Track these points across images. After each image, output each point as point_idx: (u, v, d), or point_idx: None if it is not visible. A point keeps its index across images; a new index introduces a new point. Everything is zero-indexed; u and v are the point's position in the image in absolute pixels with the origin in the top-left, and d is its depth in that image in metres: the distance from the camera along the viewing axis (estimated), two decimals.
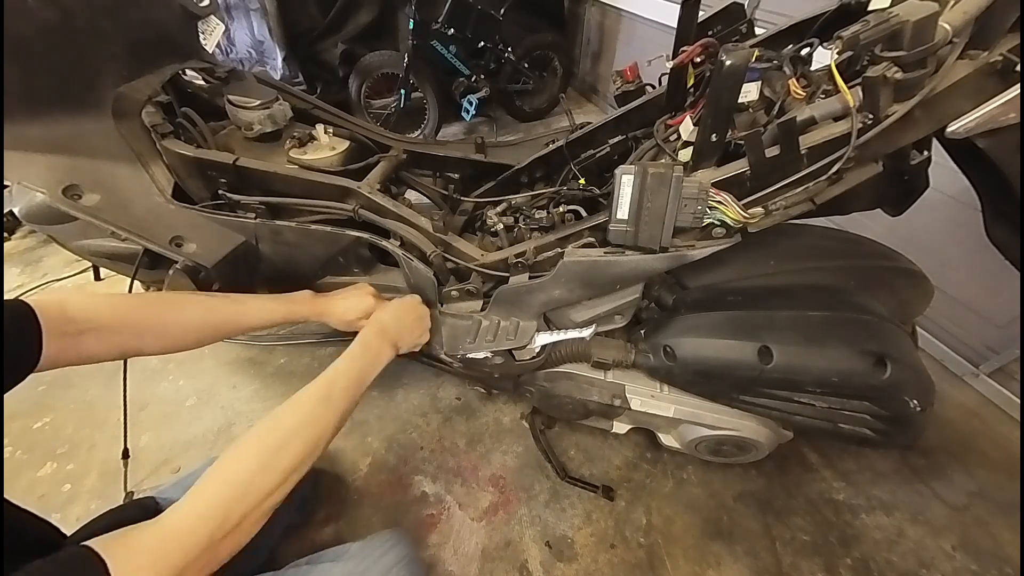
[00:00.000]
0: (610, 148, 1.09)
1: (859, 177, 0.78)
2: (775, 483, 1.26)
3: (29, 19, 0.79)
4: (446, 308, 1.00)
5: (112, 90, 0.93)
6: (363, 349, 0.78)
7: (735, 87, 0.68)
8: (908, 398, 0.82)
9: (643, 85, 1.09)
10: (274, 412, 0.63)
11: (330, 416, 0.66)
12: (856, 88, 0.68)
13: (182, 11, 1.10)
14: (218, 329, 0.80)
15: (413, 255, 0.96)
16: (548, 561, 1.13)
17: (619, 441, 1.35)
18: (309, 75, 2.81)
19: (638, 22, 2.80)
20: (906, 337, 0.89)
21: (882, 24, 0.61)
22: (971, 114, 0.66)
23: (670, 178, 0.72)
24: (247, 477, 0.55)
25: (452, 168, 1.31)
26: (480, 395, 1.48)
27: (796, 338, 0.85)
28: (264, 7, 2.51)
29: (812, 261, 0.99)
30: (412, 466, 1.32)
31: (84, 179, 0.86)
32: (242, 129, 1.10)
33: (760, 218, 0.77)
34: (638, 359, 0.98)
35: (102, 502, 1.24)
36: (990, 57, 0.63)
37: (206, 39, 1.18)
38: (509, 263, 0.92)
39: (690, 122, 0.83)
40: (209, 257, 0.91)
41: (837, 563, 1.12)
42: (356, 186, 0.99)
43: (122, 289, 1.05)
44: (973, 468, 1.29)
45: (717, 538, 1.16)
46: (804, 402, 0.89)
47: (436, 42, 2.52)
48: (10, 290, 1.89)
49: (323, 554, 0.84)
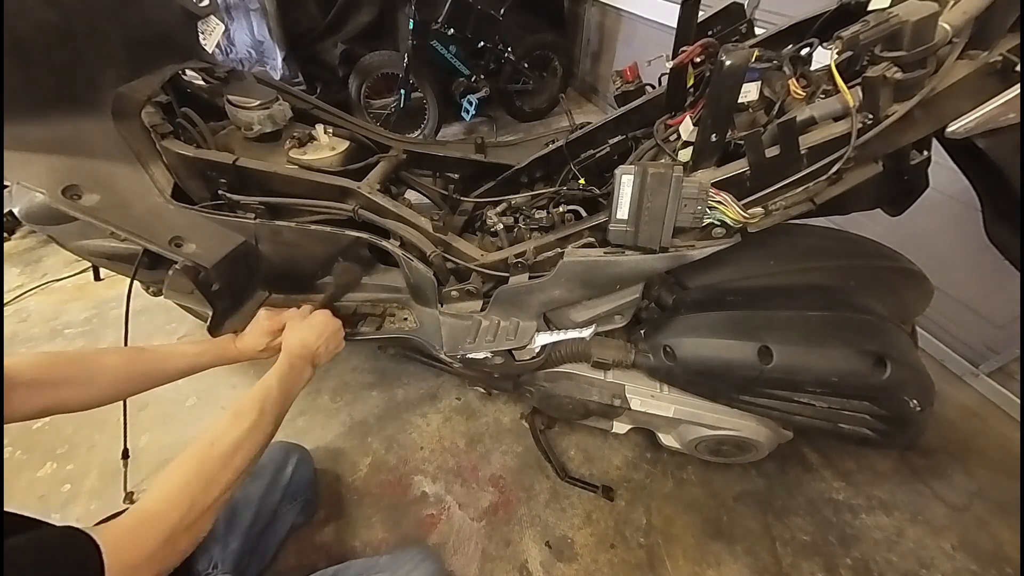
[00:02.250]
0: (610, 148, 1.09)
1: (859, 177, 0.78)
2: (775, 483, 1.26)
3: (29, 19, 0.79)
4: (446, 308, 1.00)
5: (112, 90, 0.93)
6: (289, 368, 0.82)
7: (735, 87, 0.68)
8: (908, 398, 0.82)
9: (643, 85, 1.09)
10: (221, 421, 0.68)
11: (268, 426, 0.72)
12: (856, 88, 0.68)
13: (182, 11, 1.11)
14: (147, 376, 0.82)
15: (413, 255, 0.96)
16: (548, 561, 1.13)
17: (619, 441, 1.35)
18: (309, 75, 2.81)
19: (638, 22, 2.80)
20: (906, 337, 0.89)
21: (882, 24, 0.61)
22: (971, 114, 0.66)
23: (670, 178, 0.72)
24: (210, 473, 0.61)
25: (452, 168, 1.31)
26: (480, 395, 1.48)
27: (796, 338, 0.85)
28: (264, 7, 2.51)
29: (812, 261, 0.99)
30: (412, 466, 1.32)
31: (84, 179, 0.86)
32: (242, 129, 1.10)
33: (760, 218, 0.77)
34: (638, 359, 0.98)
35: (102, 502, 1.24)
36: (990, 57, 0.63)
37: (206, 39, 1.18)
38: (509, 263, 0.92)
39: (690, 122, 0.83)
40: (209, 257, 0.91)
41: (837, 563, 1.12)
42: (356, 186, 0.99)
43: (122, 289, 1.04)
44: (973, 468, 1.29)
45: (717, 538, 1.16)
46: (804, 402, 0.89)
47: (436, 42, 2.52)
48: (10, 290, 1.89)
49: (350, 565, 0.87)
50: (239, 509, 0.90)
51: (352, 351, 1.63)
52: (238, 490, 0.66)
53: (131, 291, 1.02)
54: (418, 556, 0.86)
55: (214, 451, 0.64)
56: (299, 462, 1.07)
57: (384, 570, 0.83)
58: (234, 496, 0.87)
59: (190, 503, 0.57)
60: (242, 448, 0.66)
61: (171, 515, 0.55)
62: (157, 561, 0.53)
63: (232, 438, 0.66)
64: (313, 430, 1.42)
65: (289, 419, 1.42)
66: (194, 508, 0.57)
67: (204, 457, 0.63)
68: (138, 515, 0.54)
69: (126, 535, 0.51)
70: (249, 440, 0.68)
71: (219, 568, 0.83)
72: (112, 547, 0.48)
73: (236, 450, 0.65)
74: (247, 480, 0.93)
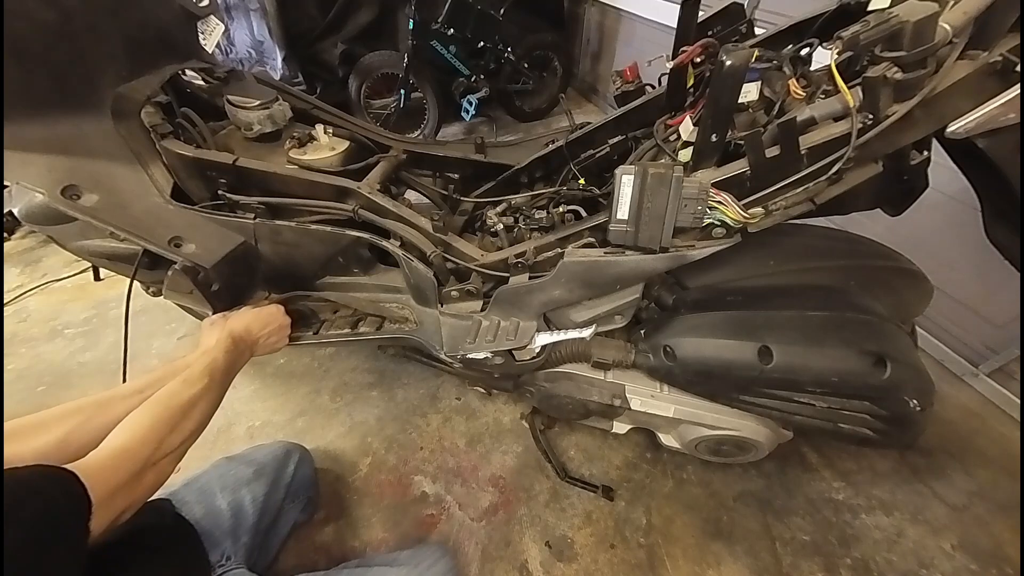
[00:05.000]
0: (610, 148, 1.08)
1: (859, 177, 0.78)
2: (775, 483, 1.26)
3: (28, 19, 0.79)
4: (446, 308, 1.00)
5: (111, 90, 0.92)
6: (233, 345, 0.84)
7: (735, 87, 0.68)
8: (908, 398, 0.82)
9: (643, 85, 1.09)
10: (173, 383, 0.70)
11: (215, 396, 0.75)
12: (856, 88, 0.68)
13: (182, 11, 1.10)
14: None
15: (413, 255, 0.96)
16: (548, 561, 1.13)
17: (619, 441, 1.35)
18: (309, 75, 2.80)
19: (638, 22, 2.80)
20: (906, 337, 0.89)
21: (882, 24, 0.61)
22: (971, 114, 0.65)
23: (670, 178, 0.72)
24: (174, 419, 0.65)
25: (452, 168, 1.30)
26: (480, 395, 1.48)
27: (796, 338, 0.85)
28: (264, 7, 2.51)
29: (812, 261, 0.99)
30: (412, 466, 1.32)
31: (83, 179, 0.86)
32: (242, 129, 1.10)
33: (760, 218, 0.77)
34: (638, 359, 0.98)
35: None
36: (990, 57, 0.63)
37: (206, 39, 1.17)
38: (509, 263, 0.92)
39: (690, 122, 0.83)
40: (208, 257, 0.91)
41: (837, 563, 1.12)
42: (356, 186, 0.99)
43: (122, 289, 1.04)
44: (973, 468, 1.29)
45: (717, 538, 1.16)
46: (804, 402, 0.89)
47: (436, 42, 2.52)
48: (10, 290, 1.89)
49: (372, 558, 0.93)
50: (245, 506, 0.91)
51: (352, 351, 1.63)
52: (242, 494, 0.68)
53: (131, 291, 1.02)
54: (436, 553, 0.92)
55: (174, 402, 0.67)
56: (300, 461, 1.08)
57: (405, 563, 0.88)
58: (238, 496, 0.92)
59: (157, 442, 0.61)
60: (196, 407, 0.69)
61: (142, 450, 0.59)
62: (128, 492, 0.56)
63: (189, 395, 0.69)
64: (313, 430, 1.42)
65: (289, 419, 1.45)
66: (161, 448, 0.62)
67: (166, 406, 0.66)
68: (111, 450, 0.57)
69: (103, 465, 0.54)
70: (203, 400, 0.71)
71: (232, 560, 0.85)
72: (91, 477, 0.50)
73: (192, 405, 0.69)
74: (251, 479, 0.94)
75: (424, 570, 0.87)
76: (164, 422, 0.64)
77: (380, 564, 0.89)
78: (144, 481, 0.59)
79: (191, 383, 0.71)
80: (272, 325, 0.96)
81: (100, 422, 0.65)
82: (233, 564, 0.85)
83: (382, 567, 0.88)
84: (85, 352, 1.67)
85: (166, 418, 0.65)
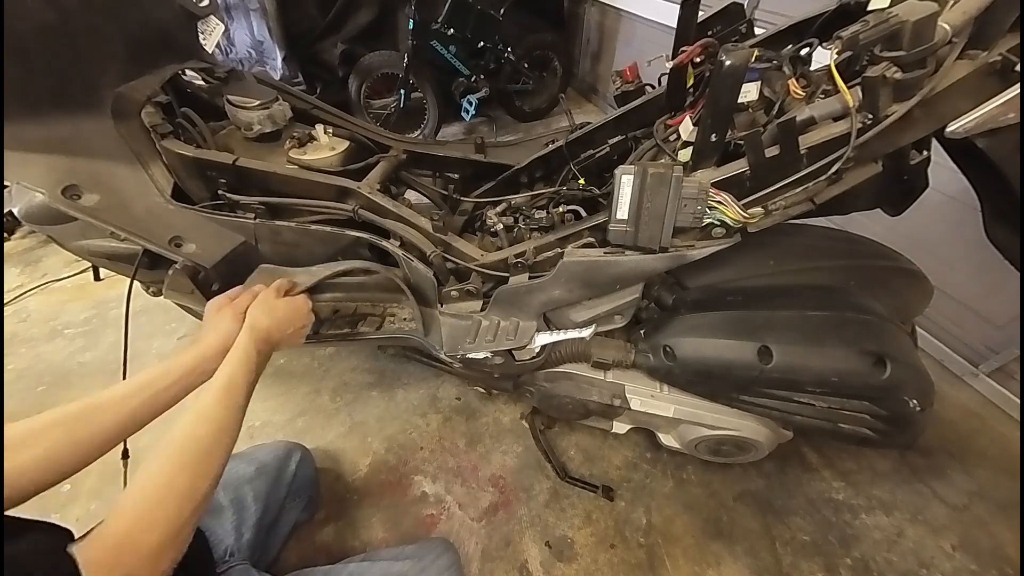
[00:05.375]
0: (610, 148, 1.09)
1: (859, 177, 0.78)
2: (775, 483, 1.26)
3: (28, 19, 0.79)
4: (446, 308, 1.00)
5: (111, 90, 0.92)
6: (256, 354, 0.71)
7: (735, 87, 0.68)
8: (908, 398, 0.82)
9: (643, 85, 1.09)
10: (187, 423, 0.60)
11: (233, 428, 0.63)
12: (856, 88, 0.68)
13: (182, 11, 1.10)
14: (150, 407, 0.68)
15: (413, 255, 0.96)
16: (548, 561, 1.13)
17: (619, 441, 1.35)
18: (309, 75, 2.80)
19: (638, 22, 2.80)
20: (906, 337, 0.89)
21: (882, 24, 0.61)
22: (971, 114, 0.65)
23: (670, 178, 0.72)
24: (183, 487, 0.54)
25: (452, 168, 1.30)
26: (480, 395, 1.48)
27: (796, 338, 0.85)
28: (264, 7, 2.51)
29: (812, 261, 0.99)
30: (412, 466, 1.32)
31: (83, 179, 0.86)
32: (242, 129, 1.10)
33: (760, 218, 0.77)
34: (638, 359, 0.98)
35: (102, 502, 1.24)
36: (990, 57, 0.63)
37: (206, 39, 1.17)
38: (509, 263, 0.92)
39: (690, 122, 0.83)
40: (208, 257, 0.91)
41: (837, 563, 1.12)
42: (356, 186, 0.99)
43: (122, 289, 1.04)
44: (973, 468, 1.29)
45: (717, 538, 1.16)
46: (804, 402, 0.89)
47: (436, 42, 2.52)
48: (10, 290, 1.89)
49: (379, 552, 0.94)
50: (247, 503, 0.92)
51: (352, 351, 1.63)
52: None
53: (131, 291, 1.01)
54: (440, 547, 0.93)
55: (187, 457, 0.56)
56: (301, 460, 1.08)
57: (411, 557, 0.88)
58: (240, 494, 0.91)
59: (165, 522, 0.51)
60: (212, 454, 0.58)
61: (149, 536, 0.49)
62: None
63: (201, 447, 0.58)
64: (313, 430, 1.42)
65: (289, 419, 1.45)
66: (171, 525, 0.51)
67: (174, 469, 0.55)
68: (114, 537, 0.49)
69: (102, 559, 0.46)
70: (226, 435, 0.61)
71: (236, 556, 0.85)
72: (88, 565, 0.44)
73: (209, 453, 0.58)
74: (253, 477, 0.95)
75: (428, 563, 0.87)
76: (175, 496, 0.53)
77: (385, 559, 0.89)
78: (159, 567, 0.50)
79: (202, 421, 0.60)
80: (297, 324, 0.82)
81: (83, 434, 0.57)
82: (236, 560, 0.85)
83: (387, 561, 0.88)
84: (85, 352, 1.67)
85: (176, 488, 0.53)
